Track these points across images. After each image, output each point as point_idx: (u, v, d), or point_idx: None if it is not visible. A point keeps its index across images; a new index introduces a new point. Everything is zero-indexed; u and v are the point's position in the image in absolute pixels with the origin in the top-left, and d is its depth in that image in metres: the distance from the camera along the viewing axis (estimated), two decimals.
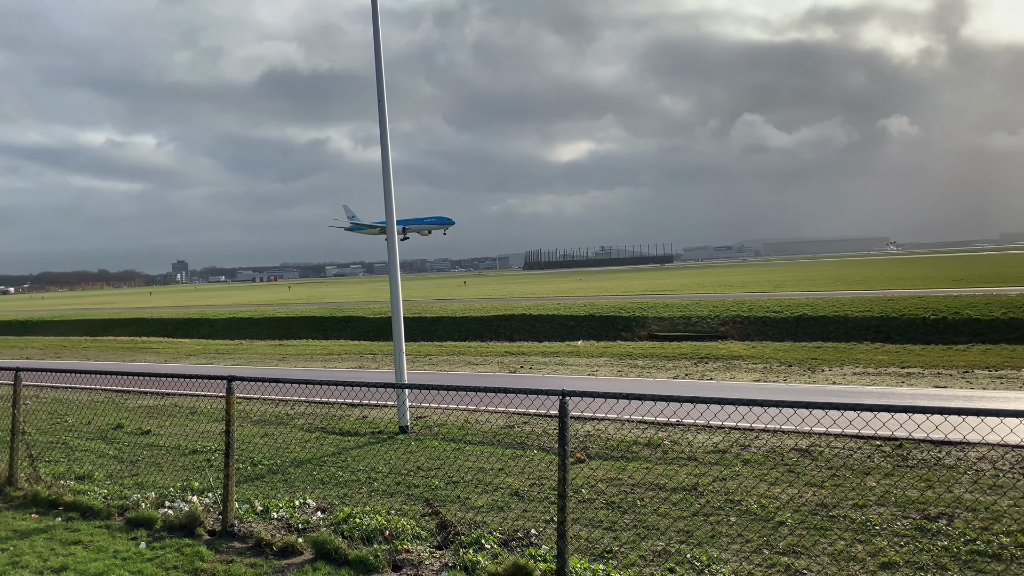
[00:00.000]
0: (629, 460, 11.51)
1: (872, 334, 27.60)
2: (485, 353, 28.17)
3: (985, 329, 26.05)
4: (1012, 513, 8.41)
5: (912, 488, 9.43)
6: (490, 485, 10.52)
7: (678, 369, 21.75)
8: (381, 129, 15.27)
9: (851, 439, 11.56)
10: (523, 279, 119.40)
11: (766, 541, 8.07)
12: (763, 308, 33.15)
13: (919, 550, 7.63)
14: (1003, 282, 42.66)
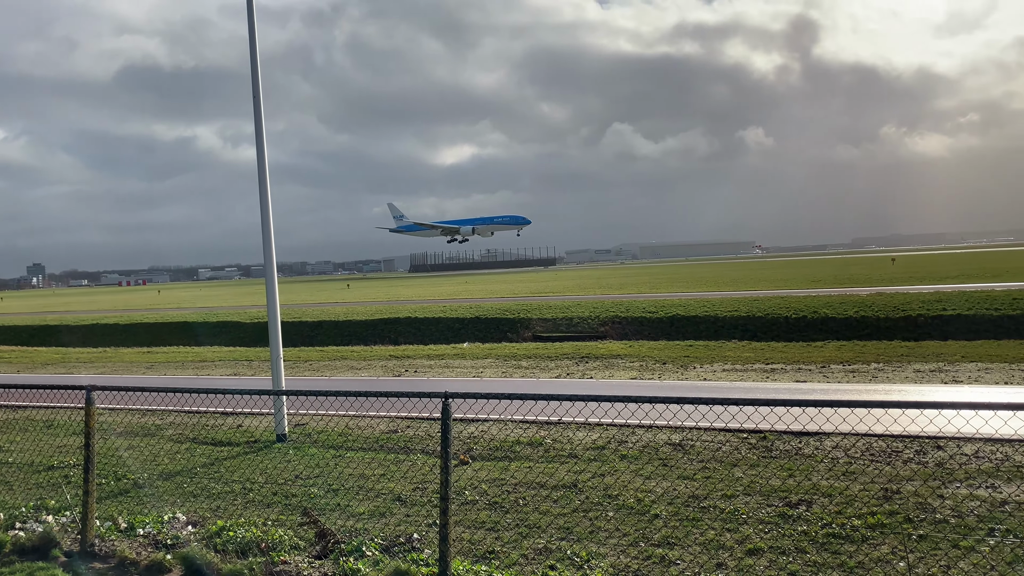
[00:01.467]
0: (512, 460, 11.63)
1: (739, 332, 29.11)
2: (369, 357, 27.72)
3: (840, 327, 28.03)
4: (863, 497, 9.08)
5: (775, 477, 10.01)
6: (372, 491, 10.36)
7: (560, 369, 22.18)
8: (256, 128, 14.75)
9: (720, 432, 12.16)
10: (409, 282, 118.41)
11: (642, 534, 8.35)
12: (640, 309, 34.32)
13: (782, 536, 8.11)
14: (855, 283, 46.10)
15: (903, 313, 28.55)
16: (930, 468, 10.10)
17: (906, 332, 26.66)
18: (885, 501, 8.90)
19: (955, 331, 26.13)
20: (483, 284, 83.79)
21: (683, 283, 58.85)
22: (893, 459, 10.60)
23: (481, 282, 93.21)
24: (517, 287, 68.85)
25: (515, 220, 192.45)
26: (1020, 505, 8.53)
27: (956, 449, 10.83)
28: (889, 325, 27.61)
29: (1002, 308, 27.81)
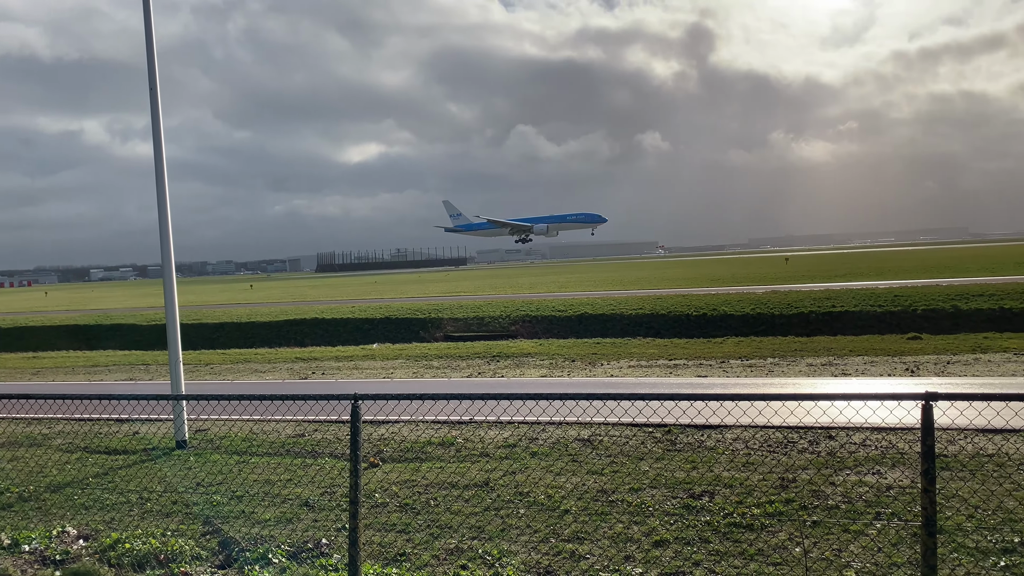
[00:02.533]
0: (423, 461, 11.55)
1: (644, 330, 29.91)
2: (274, 360, 26.96)
3: (738, 323, 29.21)
4: (761, 487, 9.47)
5: (679, 470, 10.32)
6: (278, 497, 10.08)
7: (472, 368, 22.18)
8: (153, 122, 14.08)
9: (627, 427, 12.43)
10: (316, 282, 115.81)
11: (553, 530, 8.45)
12: (549, 308, 34.75)
13: (686, 526, 8.36)
14: (752, 281, 48.06)
15: (796, 310, 30.01)
16: (823, 457, 10.64)
17: (799, 328, 28.04)
18: (782, 490, 9.31)
19: (844, 326, 27.67)
20: (392, 284, 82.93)
21: (591, 282, 59.96)
22: (789, 449, 11.11)
23: (391, 282, 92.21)
24: (428, 287, 68.47)
25: (590, 218, 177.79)
26: (904, 490, 9.08)
27: (846, 438, 11.45)
28: (784, 321, 28.97)
29: (885, 304, 29.62)
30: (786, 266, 73.90)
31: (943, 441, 10.84)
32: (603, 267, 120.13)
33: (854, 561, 7.27)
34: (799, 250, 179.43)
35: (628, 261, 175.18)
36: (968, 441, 10.92)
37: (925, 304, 29.01)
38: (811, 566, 7.16)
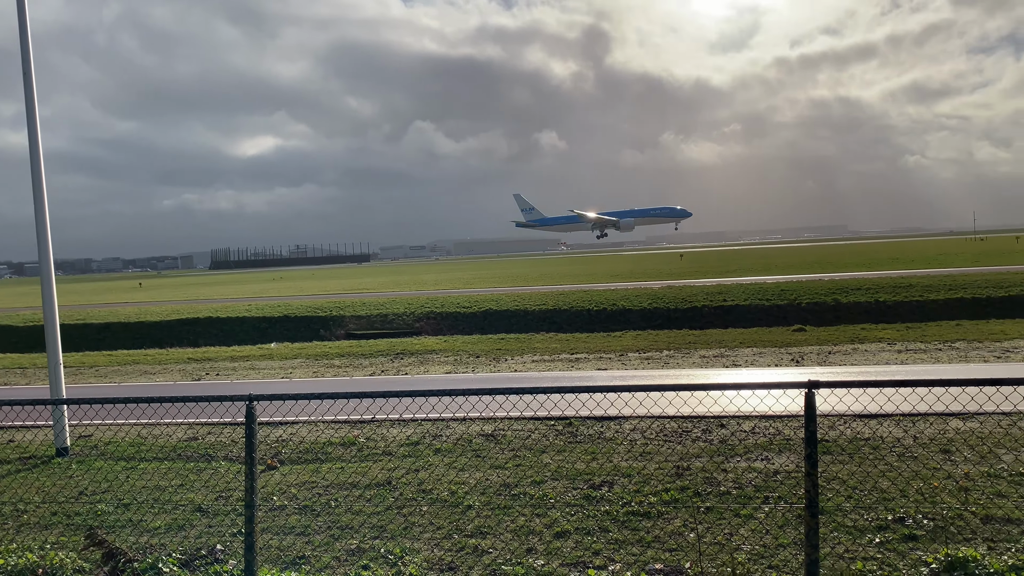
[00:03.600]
0: (324, 461, 11.32)
1: (547, 325, 30.32)
2: (165, 361, 25.78)
3: (636, 318, 30.03)
4: (658, 475, 9.77)
5: (580, 461, 10.52)
6: (169, 503, 9.66)
7: (375, 366, 21.89)
8: (28, 111, 13.17)
9: (530, 421, 12.57)
10: (210, 280, 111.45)
11: (456, 526, 8.46)
12: (454, 304, 34.70)
13: (586, 517, 8.53)
14: (649, 277, 49.51)
15: (690, 304, 31.11)
16: (715, 445, 11.07)
17: (693, 321, 29.08)
18: (677, 478, 9.64)
19: (735, 319, 28.89)
20: (292, 281, 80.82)
21: (496, 279, 60.25)
22: (684, 438, 11.50)
23: (290, 279, 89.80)
24: (329, 284, 67.08)
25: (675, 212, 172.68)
26: (789, 474, 9.57)
27: (737, 426, 11.96)
28: (679, 315, 29.98)
29: (772, 298, 31.10)
30: (681, 262, 76.49)
31: (824, 427, 11.48)
32: (508, 264, 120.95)
33: (744, 544, 7.60)
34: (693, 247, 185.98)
35: (532, 258, 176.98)
36: (847, 426, 11.60)
37: (809, 298, 30.64)
38: (704, 550, 7.44)
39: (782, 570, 6.99)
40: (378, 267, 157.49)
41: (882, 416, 11.75)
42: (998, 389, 8.36)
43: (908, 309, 28.24)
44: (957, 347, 19.94)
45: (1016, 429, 10.90)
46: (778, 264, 61.04)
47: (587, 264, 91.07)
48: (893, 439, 10.84)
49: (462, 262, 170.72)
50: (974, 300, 28.43)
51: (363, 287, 57.12)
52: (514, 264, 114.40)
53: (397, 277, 78.41)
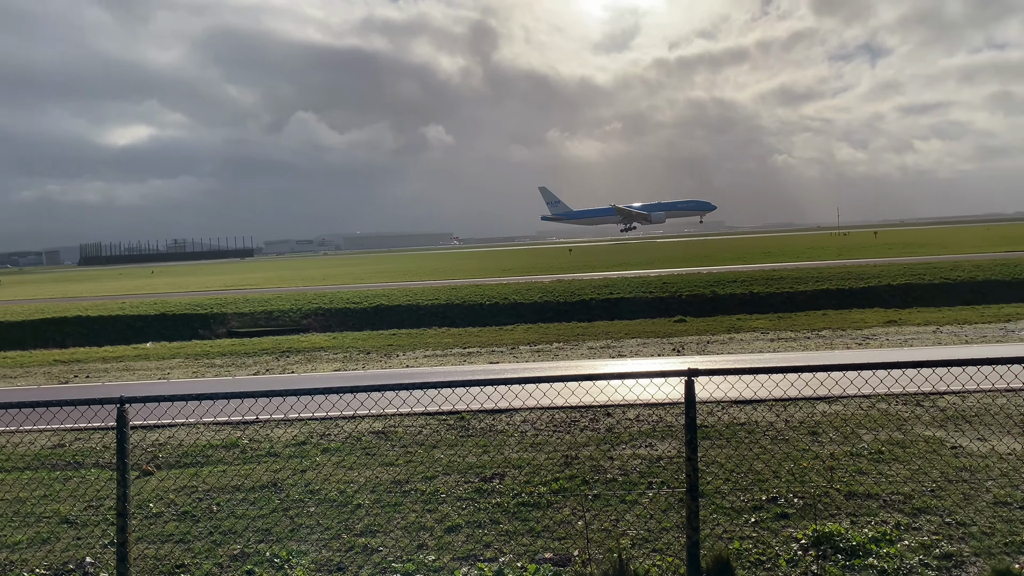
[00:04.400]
0: (204, 465, 10.84)
1: (440, 320, 30.23)
2: (27, 364, 23.98)
3: (527, 311, 30.39)
4: (547, 465, 9.94)
5: (471, 455, 10.55)
6: (32, 516, 9.00)
7: (259, 365, 21.16)
8: None
9: (421, 416, 12.50)
10: (79, 276, 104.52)
11: (345, 525, 8.30)
12: (344, 300, 34.02)
13: (478, 510, 8.57)
14: (539, 271, 50.24)
15: (578, 297, 31.78)
16: (602, 434, 11.36)
17: (582, 314, 29.73)
18: (566, 467, 9.83)
19: (620, 312, 29.73)
20: (170, 278, 77.00)
21: (387, 274, 59.53)
22: (572, 428, 11.74)
23: (168, 275, 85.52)
24: (210, 280, 64.31)
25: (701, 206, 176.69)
26: (671, 459, 9.94)
27: (622, 415, 12.32)
28: (568, 308, 30.57)
29: (655, 291, 32.22)
30: (570, 257, 78.02)
31: (704, 413, 12.00)
32: (399, 258, 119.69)
33: (630, 529, 7.84)
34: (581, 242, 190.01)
35: (424, 252, 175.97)
36: (724, 412, 12.17)
37: (689, 290, 31.93)
38: (592, 537, 7.63)
39: (665, 553, 7.25)
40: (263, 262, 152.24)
41: (756, 401, 12.40)
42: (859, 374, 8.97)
43: (779, 300, 29.91)
44: (823, 335, 21.29)
45: (875, 411, 11.76)
46: (660, 258, 63.30)
47: (479, 259, 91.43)
48: (766, 423, 11.45)
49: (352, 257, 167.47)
50: (838, 291, 30.43)
51: (247, 283, 55.08)
52: (406, 259, 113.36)
53: (283, 272, 76.07)
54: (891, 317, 24.42)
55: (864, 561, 6.82)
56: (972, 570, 6.60)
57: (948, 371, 7.56)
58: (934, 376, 9.14)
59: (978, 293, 29.13)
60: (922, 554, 6.90)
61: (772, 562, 6.98)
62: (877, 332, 21.36)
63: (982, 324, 21.90)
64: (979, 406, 11.65)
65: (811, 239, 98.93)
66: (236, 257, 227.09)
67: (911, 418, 11.26)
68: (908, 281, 31.17)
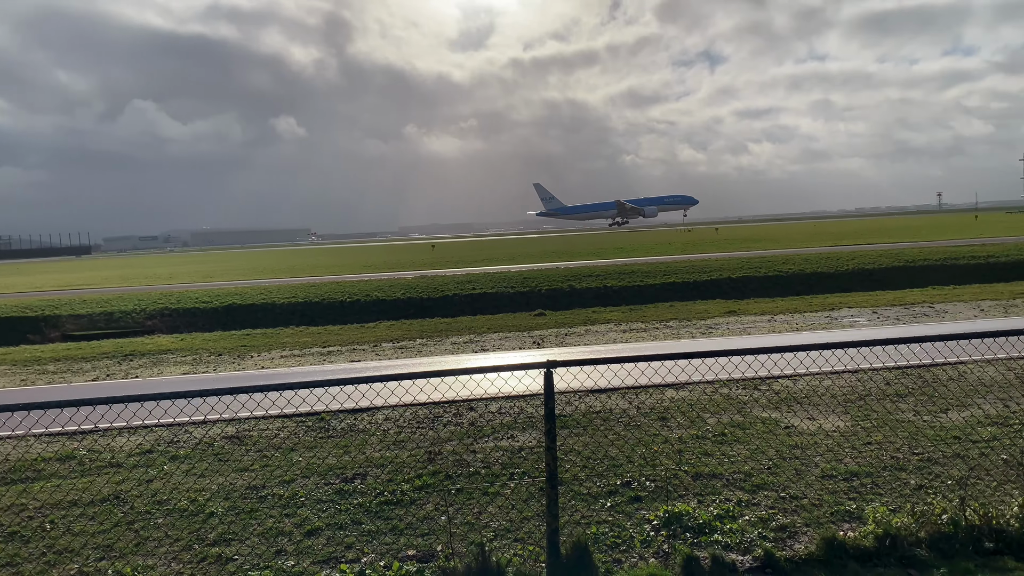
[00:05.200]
0: (36, 480, 9.98)
1: (298, 318, 29.31)
2: None
3: (389, 308, 30.06)
4: (410, 462, 9.89)
5: (332, 456, 10.33)
6: None
7: (99, 370, 19.68)
8: None
9: (278, 419, 12.08)
10: None
11: (197, 535, 7.91)
12: (192, 299, 32.27)
13: (339, 511, 8.41)
14: (402, 267, 49.84)
15: (442, 293, 31.81)
16: (465, 428, 11.45)
17: (444, 310, 29.78)
18: (429, 463, 9.84)
19: (483, 307, 30.04)
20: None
21: (240, 271, 57.00)
22: (435, 424, 11.76)
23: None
24: (41, 279, 59.08)
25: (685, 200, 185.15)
26: (532, 450, 10.17)
27: (485, 408, 12.46)
28: (431, 304, 30.52)
29: (516, 286, 32.79)
30: (432, 253, 77.88)
31: (562, 403, 12.36)
32: (253, 255, 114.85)
33: (492, 521, 7.96)
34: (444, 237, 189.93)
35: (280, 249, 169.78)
36: (581, 401, 12.59)
37: (548, 285, 32.73)
38: (455, 531, 7.68)
39: (527, 542, 7.42)
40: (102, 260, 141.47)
41: (611, 390, 12.91)
42: (703, 361, 9.53)
43: (631, 293, 31.26)
44: (671, 326, 22.45)
45: (717, 395, 12.55)
46: (521, 254, 64.46)
47: (339, 255, 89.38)
48: (620, 410, 11.95)
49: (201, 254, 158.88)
50: (684, 284, 32.19)
51: (84, 282, 51.05)
52: (260, 256, 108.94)
53: (125, 271, 71.08)
54: (731, 308, 26.13)
55: (710, 538, 7.28)
56: (804, 540, 7.20)
57: (782, 357, 8.19)
58: (769, 362, 9.88)
59: (807, 284, 31.71)
60: (761, 528, 7.45)
61: (627, 544, 7.30)
62: (719, 322, 22.78)
63: (810, 313, 23.86)
64: (808, 388, 12.72)
65: (659, 235, 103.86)
66: (71, 255, 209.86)
67: (750, 401, 12.11)
68: (746, 274, 33.43)
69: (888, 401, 11.69)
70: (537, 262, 48.05)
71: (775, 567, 6.68)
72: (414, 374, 6.95)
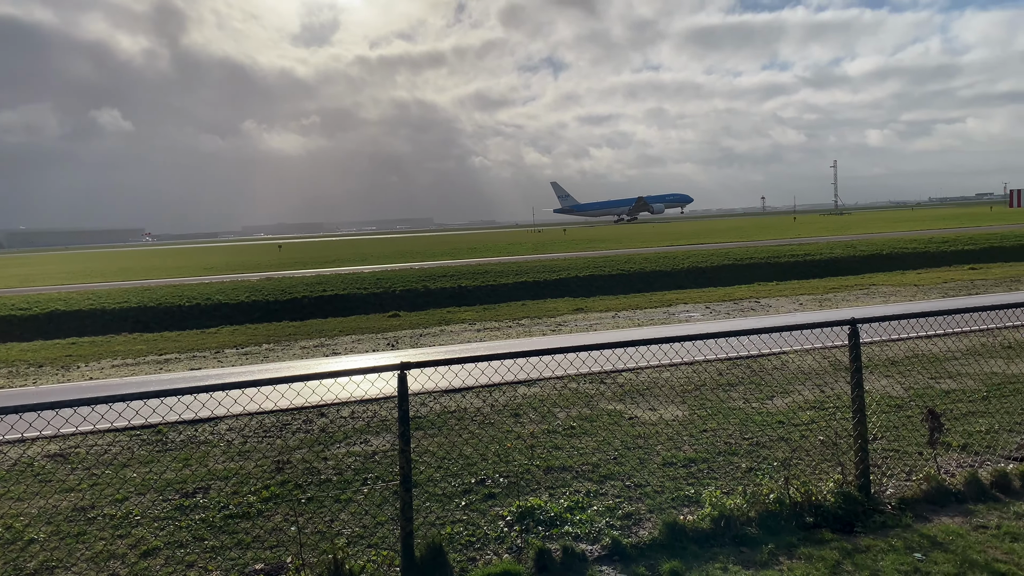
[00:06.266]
0: None
1: (131, 324, 27.32)
2: None
3: (233, 312, 28.67)
4: (257, 473, 9.49)
5: (170, 470, 9.72)
6: None
7: None
8: None
9: (108, 433, 11.22)
10: None
11: (15, 565, 7.19)
12: (8, 307, 29.29)
13: (179, 529, 7.92)
14: (247, 269, 47.68)
15: (290, 296, 30.74)
16: (315, 435, 11.13)
17: (293, 313, 28.79)
18: (278, 472, 9.48)
19: (334, 309, 29.32)
20: None
21: (64, 275, 52.42)
22: (284, 432, 11.34)
23: None
24: None
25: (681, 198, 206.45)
26: (386, 454, 10.04)
27: (336, 414, 12.17)
28: (278, 307, 29.41)
29: (369, 287, 32.28)
30: (280, 253, 75.09)
31: (416, 404, 12.30)
32: (79, 257, 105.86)
33: (345, 528, 7.79)
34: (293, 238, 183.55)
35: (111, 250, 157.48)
36: (436, 401, 12.58)
37: (402, 285, 32.45)
38: (305, 542, 7.44)
39: (381, 547, 7.32)
40: None
41: (465, 389, 12.99)
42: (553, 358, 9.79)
43: (484, 292, 31.61)
44: (523, 324, 22.92)
45: (567, 390, 12.94)
46: (374, 254, 63.51)
47: (177, 256, 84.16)
48: (474, 409, 12.05)
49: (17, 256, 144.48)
50: (535, 283, 32.95)
51: None
52: (88, 257, 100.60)
53: None
54: (579, 305, 27.04)
55: (561, 529, 7.49)
56: (648, 526, 7.57)
57: (625, 351, 8.57)
58: (614, 356, 10.31)
59: (647, 282, 33.38)
60: (608, 517, 7.76)
61: (481, 541, 7.38)
62: (568, 319, 23.52)
63: (650, 309, 25.14)
64: (649, 380, 13.39)
65: (511, 236, 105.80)
66: None
67: (596, 394, 12.58)
68: (592, 273, 34.72)
69: (721, 390, 12.53)
70: (391, 263, 47.52)
71: (622, 554, 6.98)
72: (259, 381, 6.66)
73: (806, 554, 6.75)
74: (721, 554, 6.88)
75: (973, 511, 7.47)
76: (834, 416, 10.62)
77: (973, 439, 9.41)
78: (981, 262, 36.32)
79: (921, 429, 9.14)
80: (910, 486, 8.03)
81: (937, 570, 6.31)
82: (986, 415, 10.37)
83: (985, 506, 7.57)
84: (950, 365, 13.33)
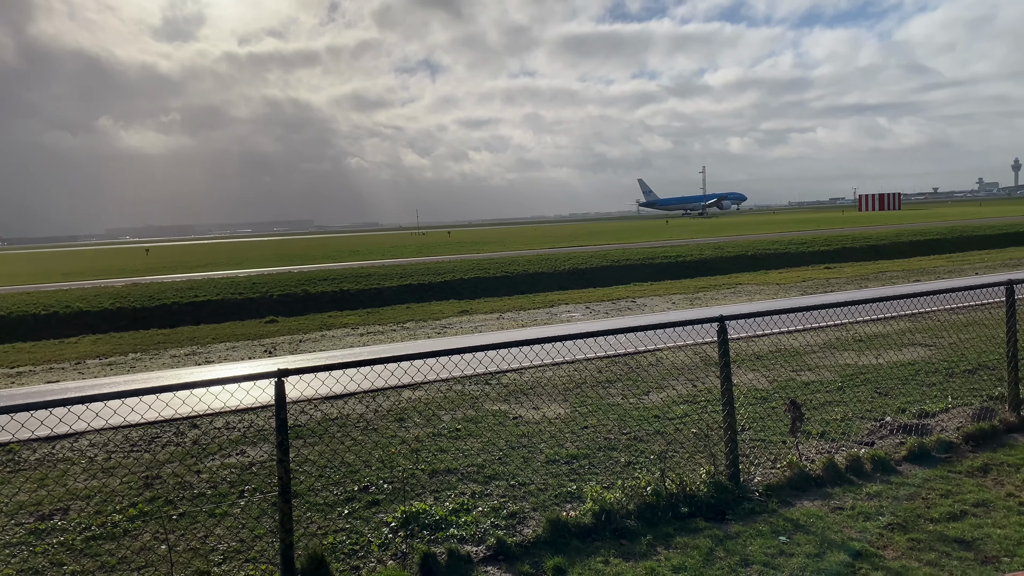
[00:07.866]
0: None
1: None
2: None
3: (95, 320, 26.86)
4: (123, 490, 8.93)
5: (23, 492, 9.00)
6: None
7: None
8: None
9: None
10: None
11: None
12: None
13: (34, 554, 7.34)
14: (111, 275, 44.83)
15: (159, 302, 29.13)
16: (188, 447, 10.60)
17: (162, 320, 27.29)
18: (146, 489, 8.96)
19: (207, 315, 28.00)
20: None
21: None
22: (153, 446, 10.74)
23: None
24: None
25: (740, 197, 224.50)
26: (263, 464, 9.69)
27: (210, 425, 11.63)
28: (146, 314, 27.81)
29: (245, 292, 31.07)
30: (147, 257, 71.09)
31: (296, 412, 11.95)
32: None
33: (220, 543, 7.45)
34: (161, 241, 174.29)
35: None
36: (317, 409, 12.26)
37: (280, 290, 31.43)
38: (177, 560, 7.07)
39: (259, 561, 7.05)
40: None
41: (347, 395, 12.74)
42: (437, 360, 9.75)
43: (368, 296, 31.11)
44: (408, 327, 22.72)
45: (452, 392, 12.94)
46: (250, 258, 61.20)
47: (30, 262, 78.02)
48: (357, 415, 11.84)
49: None
50: (419, 286, 32.74)
51: None
52: None
53: None
54: (464, 307, 27.09)
55: (446, 532, 7.47)
56: (532, 524, 7.67)
57: (509, 351, 8.66)
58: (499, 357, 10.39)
59: (530, 283, 33.87)
60: (493, 517, 7.81)
61: (365, 549, 7.25)
62: (453, 321, 23.51)
63: (534, 309, 25.53)
64: (533, 380, 13.59)
65: (395, 238, 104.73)
66: None
67: (481, 396, 12.64)
68: (477, 275, 34.87)
69: (600, 387, 12.88)
70: (268, 266, 45.92)
71: (507, 553, 7.04)
72: (125, 392, 6.27)
73: (682, 543, 7.04)
74: (603, 548, 7.07)
75: (831, 494, 8.03)
76: (705, 409, 11.14)
77: (830, 427, 10.11)
78: (835, 262, 39.17)
79: (784, 419, 9.73)
80: (775, 473, 8.54)
81: (800, 551, 6.73)
82: (841, 404, 11.17)
83: (841, 489, 8.15)
84: (809, 358, 14.27)
